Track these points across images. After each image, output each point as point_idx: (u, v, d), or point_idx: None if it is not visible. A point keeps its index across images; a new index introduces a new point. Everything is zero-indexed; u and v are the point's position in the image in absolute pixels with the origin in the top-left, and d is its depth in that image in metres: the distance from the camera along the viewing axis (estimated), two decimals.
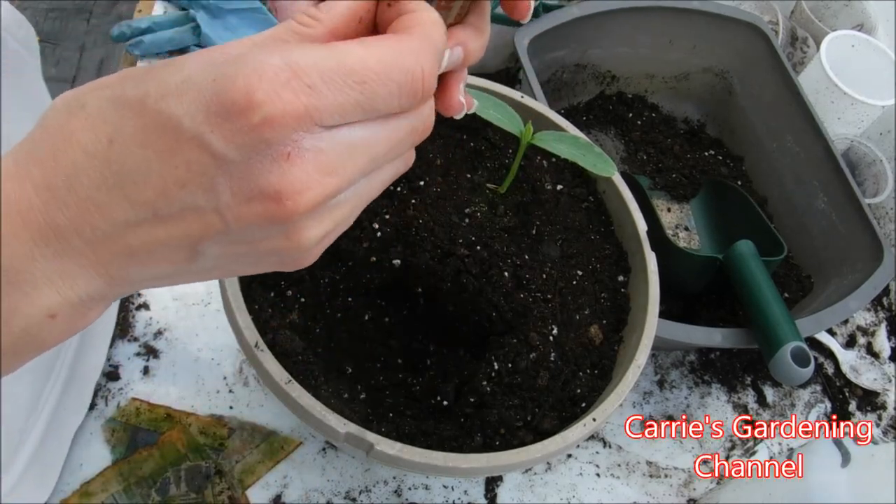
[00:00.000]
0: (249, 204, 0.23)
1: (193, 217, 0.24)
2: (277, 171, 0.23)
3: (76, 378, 0.56)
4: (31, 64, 0.48)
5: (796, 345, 0.57)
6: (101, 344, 0.60)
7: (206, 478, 0.58)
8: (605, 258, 0.58)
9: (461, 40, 0.29)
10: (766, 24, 0.82)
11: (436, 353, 0.57)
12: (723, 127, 0.88)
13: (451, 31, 0.29)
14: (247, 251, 0.25)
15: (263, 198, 0.23)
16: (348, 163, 0.24)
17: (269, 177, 0.23)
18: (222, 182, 0.23)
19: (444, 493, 0.61)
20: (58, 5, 1.99)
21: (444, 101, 0.31)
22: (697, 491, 0.67)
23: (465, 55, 0.29)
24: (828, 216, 0.76)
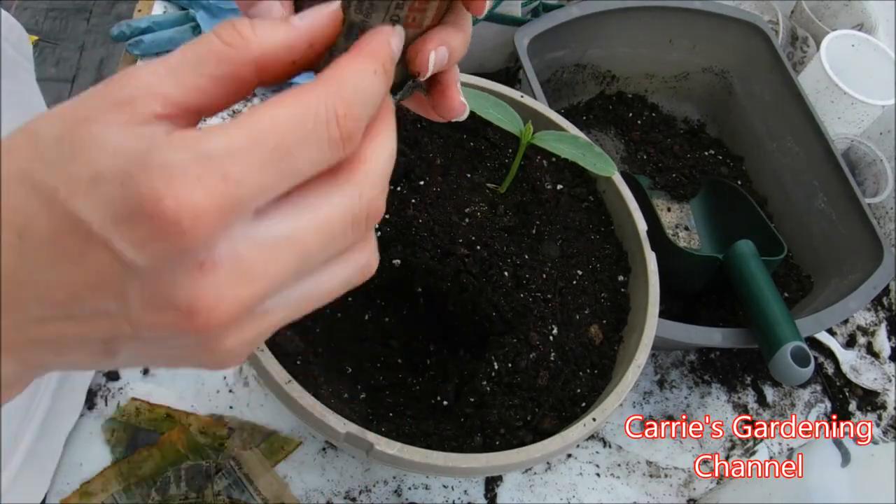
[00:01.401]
0: (160, 314, 0.22)
1: (105, 321, 0.22)
2: (189, 284, 0.21)
3: (70, 378, 0.56)
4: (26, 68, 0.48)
5: (796, 345, 0.57)
6: None
7: (207, 478, 0.58)
8: (605, 258, 0.57)
9: (443, 40, 0.28)
10: (766, 24, 0.82)
11: (436, 353, 0.57)
12: (723, 127, 0.88)
13: (432, 32, 0.28)
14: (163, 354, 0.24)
15: (174, 310, 0.21)
16: (271, 266, 0.22)
17: (180, 290, 0.21)
18: (132, 289, 0.21)
19: (444, 493, 0.61)
20: (58, 5, 2.00)
21: (445, 103, 0.30)
22: (697, 491, 0.67)
23: (450, 53, 0.28)
24: (828, 216, 0.76)
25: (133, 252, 0.20)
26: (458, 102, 0.30)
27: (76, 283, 0.21)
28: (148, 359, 0.24)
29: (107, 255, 0.21)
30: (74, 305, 0.22)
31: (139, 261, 0.21)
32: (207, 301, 0.21)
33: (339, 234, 0.23)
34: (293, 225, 0.22)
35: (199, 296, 0.21)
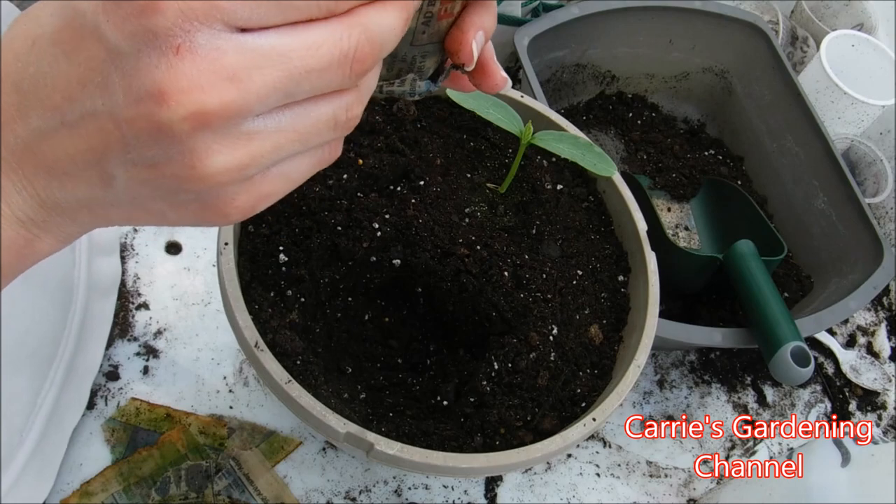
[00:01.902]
0: (138, 105, 0.21)
1: (93, 124, 0.22)
2: (164, 66, 0.20)
3: (74, 376, 0.56)
4: None
5: (796, 345, 0.57)
6: (98, 342, 0.60)
7: (207, 478, 0.58)
8: (605, 258, 0.58)
9: (478, 24, 0.29)
10: (766, 24, 0.82)
11: (436, 352, 0.57)
12: (723, 127, 0.88)
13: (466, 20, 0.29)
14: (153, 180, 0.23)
15: (148, 97, 0.21)
16: (255, 73, 0.21)
17: (154, 71, 0.21)
18: (115, 80, 0.21)
19: (444, 493, 0.61)
20: None
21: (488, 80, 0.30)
22: (697, 491, 0.67)
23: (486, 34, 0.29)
24: (828, 216, 0.76)
25: (114, 33, 0.21)
26: (501, 76, 0.31)
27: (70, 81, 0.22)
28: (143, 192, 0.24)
29: (95, 42, 0.21)
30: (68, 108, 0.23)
31: (119, 42, 0.21)
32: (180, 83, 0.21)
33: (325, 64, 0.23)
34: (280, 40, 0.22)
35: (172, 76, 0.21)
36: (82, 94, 0.22)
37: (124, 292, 0.65)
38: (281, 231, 0.51)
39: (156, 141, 0.22)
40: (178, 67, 0.21)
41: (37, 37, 0.23)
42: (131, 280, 0.65)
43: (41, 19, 0.23)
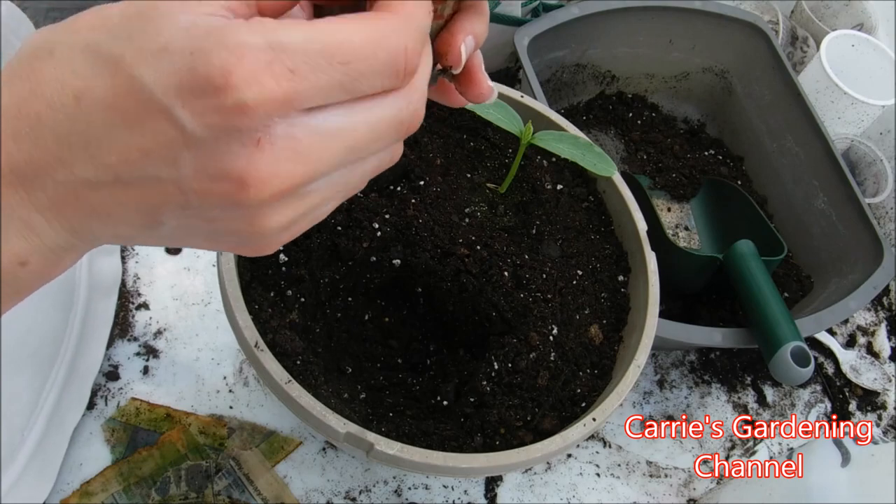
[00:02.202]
0: (212, 183, 0.23)
1: (154, 186, 0.23)
2: (245, 157, 0.22)
3: (75, 376, 0.56)
4: None
5: (796, 345, 0.57)
6: (99, 342, 0.60)
7: (207, 478, 0.58)
8: (605, 258, 0.57)
9: (468, 29, 0.29)
10: (766, 24, 0.82)
11: (436, 352, 0.57)
12: (723, 127, 0.88)
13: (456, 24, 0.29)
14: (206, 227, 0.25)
15: (226, 180, 0.23)
16: (323, 152, 0.23)
17: (236, 161, 0.22)
18: (186, 157, 0.22)
19: (444, 493, 0.61)
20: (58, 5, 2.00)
21: (474, 89, 0.30)
22: (697, 491, 0.67)
23: (476, 39, 0.29)
24: (828, 216, 0.76)
25: (192, 120, 0.22)
26: (486, 86, 0.31)
27: (130, 148, 0.22)
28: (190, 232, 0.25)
29: (166, 122, 0.22)
30: (125, 169, 0.23)
31: (198, 130, 0.22)
32: (260, 174, 0.22)
33: (385, 134, 0.25)
34: (347, 120, 0.24)
35: (254, 168, 0.22)
36: (144, 162, 0.23)
37: (124, 292, 0.65)
38: None
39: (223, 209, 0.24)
40: (258, 158, 0.22)
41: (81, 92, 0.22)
42: (131, 280, 0.65)
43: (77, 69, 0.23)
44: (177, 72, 0.21)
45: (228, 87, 0.21)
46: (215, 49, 0.21)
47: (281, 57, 0.21)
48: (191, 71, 0.21)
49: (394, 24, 0.24)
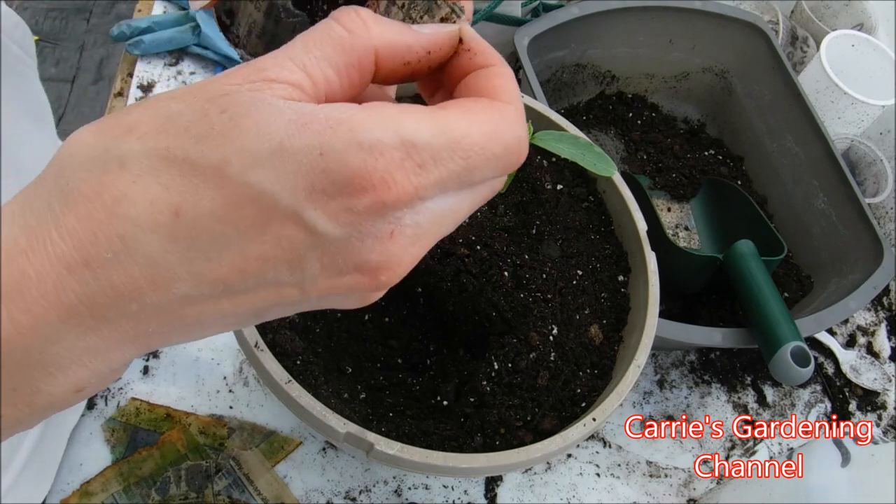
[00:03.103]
0: (341, 278, 0.23)
1: (270, 291, 0.22)
2: (379, 249, 0.22)
3: None
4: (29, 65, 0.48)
5: (796, 345, 0.57)
6: None
7: (207, 478, 0.58)
8: (605, 258, 0.57)
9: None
10: (766, 24, 0.82)
11: (436, 352, 0.57)
12: (723, 127, 0.88)
13: None
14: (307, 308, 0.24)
15: (357, 272, 0.23)
16: (438, 230, 0.24)
17: (370, 254, 0.22)
18: (313, 258, 0.22)
19: (444, 493, 0.61)
20: (58, 5, 2.00)
21: None
22: (697, 491, 0.67)
23: None
24: (828, 216, 0.76)
25: (325, 222, 0.21)
26: None
27: (246, 257, 0.21)
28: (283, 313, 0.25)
29: (292, 225, 0.21)
30: (238, 280, 0.22)
31: (330, 230, 0.21)
32: (392, 262, 0.23)
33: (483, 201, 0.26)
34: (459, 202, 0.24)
35: (386, 258, 0.23)
36: (263, 269, 0.22)
37: None
38: None
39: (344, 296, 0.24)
40: (391, 249, 0.23)
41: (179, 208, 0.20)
42: None
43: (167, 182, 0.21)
44: (306, 174, 0.20)
45: (366, 189, 0.21)
46: (350, 149, 0.21)
47: (411, 153, 0.21)
48: (324, 172, 0.20)
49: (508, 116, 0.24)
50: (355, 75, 0.23)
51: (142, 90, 0.77)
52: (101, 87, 1.87)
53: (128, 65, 0.79)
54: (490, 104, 0.24)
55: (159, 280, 0.21)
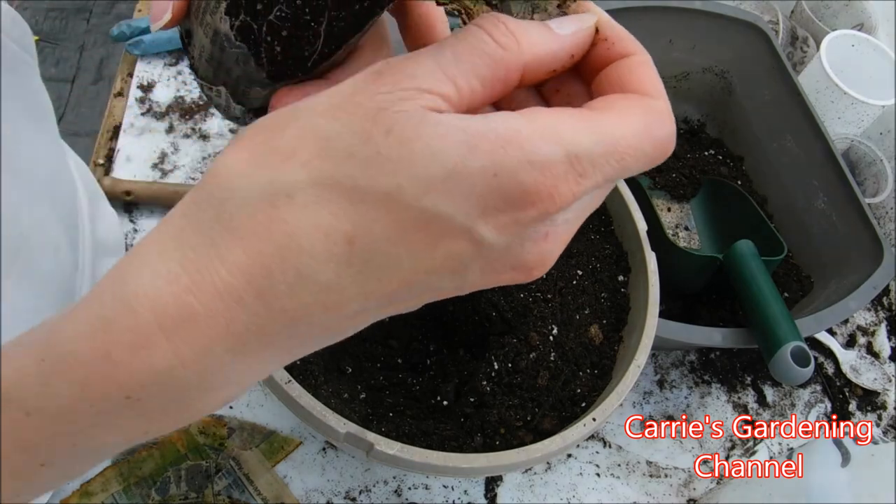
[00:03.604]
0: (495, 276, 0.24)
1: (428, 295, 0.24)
2: (536, 251, 0.23)
3: None
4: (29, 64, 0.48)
5: (796, 344, 0.57)
6: None
7: (207, 478, 0.58)
8: (605, 258, 0.57)
9: None
10: (766, 24, 0.82)
11: (436, 352, 0.57)
12: (723, 127, 0.88)
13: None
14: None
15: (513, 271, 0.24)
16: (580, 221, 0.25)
17: (528, 256, 0.23)
18: (475, 266, 0.23)
19: (444, 493, 0.61)
20: (58, 5, 2.00)
21: None
22: (697, 491, 0.67)
23: None
24: (828, 216, 0.76)
25: (493, 234, 0.22)
26: None
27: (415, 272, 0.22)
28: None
29: (464, 241, 0.22)
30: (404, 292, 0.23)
31: (497, 241, 0.22)
32: (546, 259, 0.24)
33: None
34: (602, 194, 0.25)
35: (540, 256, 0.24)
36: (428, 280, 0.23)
37: None
38: None
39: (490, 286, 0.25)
40: (545, 248, 0.24)
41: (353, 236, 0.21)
42: None
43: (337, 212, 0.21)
44: (480, 194, 0.21)
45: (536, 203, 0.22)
46: (521, 168, 0.21)
47: (574, 165, 0.22)
48: (497, 191, 0.21)
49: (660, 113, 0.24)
50: (499, 87, 0.23)
51: (142, 90, 0.77)
52: (101, 87, 1.87)
53: (128, 65, 0.79)
54: (640, 102, 0.24)
55: (331, 303, 0.22)
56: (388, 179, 0.21)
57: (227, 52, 0.26)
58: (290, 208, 0.21)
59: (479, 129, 0.21)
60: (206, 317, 0.21)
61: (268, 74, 0.26)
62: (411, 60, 0.22)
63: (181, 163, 0.73)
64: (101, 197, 0.64)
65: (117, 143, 0.73)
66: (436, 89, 0.22)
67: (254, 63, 0.25)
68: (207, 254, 0.21)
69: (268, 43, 0.25)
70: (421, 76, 0.22)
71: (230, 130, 0.76)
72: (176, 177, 0.72)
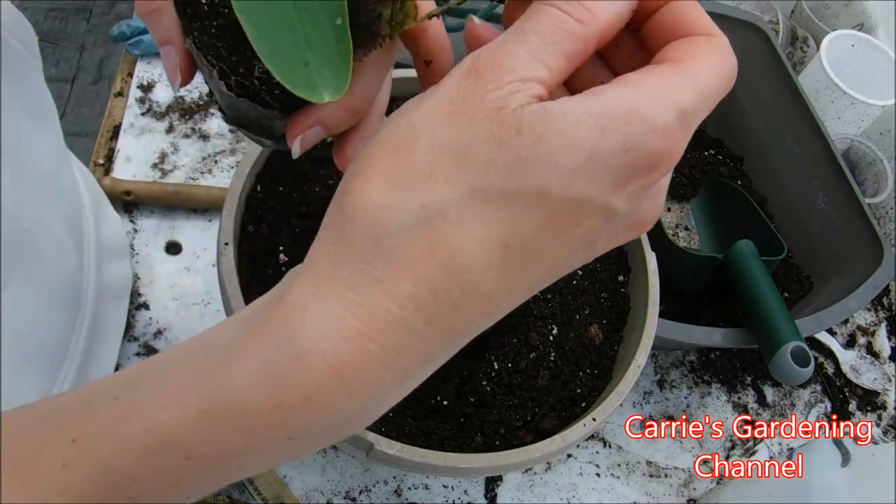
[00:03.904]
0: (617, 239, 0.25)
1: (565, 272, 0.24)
2: (652, 208, 0.25)
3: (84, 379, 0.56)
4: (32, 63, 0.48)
5: (796, 344, 0.57)
6: (110, 346, 0.60)
7: None
8: (605, 258, 0.58)
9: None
10: (766, 24, 0.82)
11: None
12: (723, 127, 0.88)
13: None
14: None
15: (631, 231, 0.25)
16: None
17: (644, 214, 0.25)
18: (603, 235, 0.23)
19: (444, 493, 0.61)
20: (58, 5, 2.00)
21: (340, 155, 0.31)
22: (697, 491, 0.67)
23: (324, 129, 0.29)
24: (828, 216, 0.76)
25: (624, 203, 0.23)
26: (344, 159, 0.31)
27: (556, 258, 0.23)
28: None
29: (599, 217, 0.22)
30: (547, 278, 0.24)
31: (625, 208, 0.23)
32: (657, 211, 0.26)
33: None
34: None
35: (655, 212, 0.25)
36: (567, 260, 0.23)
37: None
38: (281, 231, 0.51)
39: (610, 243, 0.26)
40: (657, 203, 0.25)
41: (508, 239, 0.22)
42: (131, 280, 0.65)
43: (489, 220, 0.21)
44: (614, 171, 0.22)
45: (661, 165, 0.23)
46: (649, 138, 0.22)
47: (684, 121, 0.23)
48: (629, 164, 0.22)
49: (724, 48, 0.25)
50: (581, 60, 0.24)
51: (142, 90, 0.77)
52: (101, 87, 1.87)
53: (128, 65, 0.79)
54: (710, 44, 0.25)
55: (489, 309, 0.22)
56: (534, 180, 0.21)
57: (237, 103, 0.28)
58: (445, 228, 0.21)
59: (601, 111, 0.22)
60: (380, 353, 0.22)
61: (279, 110, 0.28)
62: (504, 52, 0.22)
63: (181, 163, 0.73)
64: (104, 202, 0.64)
65: (117, 143, 0.73)
66: (535, 76, 0.22)
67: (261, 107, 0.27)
68: (373, 292, 0.21)
69: (265, 91, 0.27)
70: (520, 67, 0.22)
71: (230, 131, 0.76)
72: (176, 177, 0.72)
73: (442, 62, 0.30)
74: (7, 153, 0.42)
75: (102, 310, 0.59)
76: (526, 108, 0.21)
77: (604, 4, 0.24)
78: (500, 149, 0.21)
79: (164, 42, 0.28)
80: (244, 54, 0.26)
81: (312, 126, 0.27)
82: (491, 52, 0.23)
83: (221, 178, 0.73)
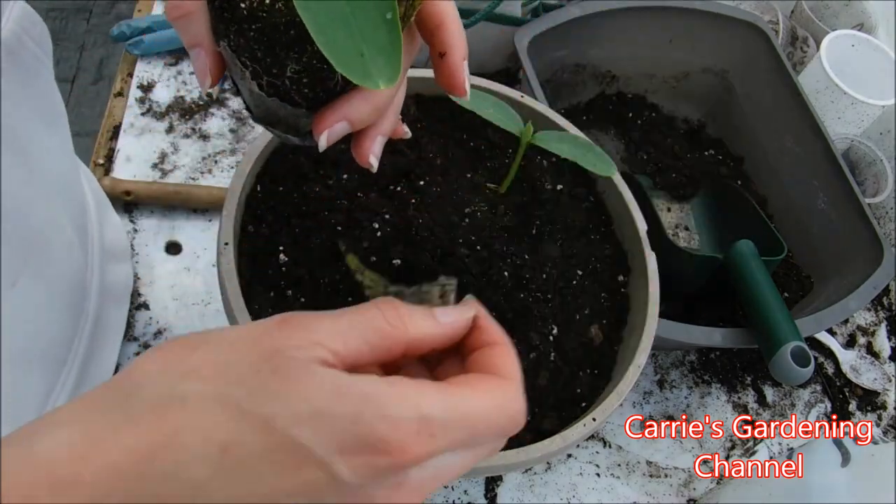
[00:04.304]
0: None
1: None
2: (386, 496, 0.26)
3: (86, 380, 0.56)
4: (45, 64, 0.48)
5: (796, 344, 0.57)
6: (111, 348, 0.60)
7: None
8: (605, 258, 0.57)
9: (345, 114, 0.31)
10: (766, 24, 0.82)
11: None
12: (723, 127, 0.88)
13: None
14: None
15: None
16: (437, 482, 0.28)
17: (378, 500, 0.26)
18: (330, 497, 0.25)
19: (444, 492, 0.61)
20: (58, 5, 2.00)
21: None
22: (697, 491, 0.67)
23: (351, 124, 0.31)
24: (828, 216, 0.76)
25: (349, 473, 0.25)
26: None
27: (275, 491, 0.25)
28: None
29: (321, 471, 0.25)
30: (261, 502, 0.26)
31: (349, 478, 0.25)
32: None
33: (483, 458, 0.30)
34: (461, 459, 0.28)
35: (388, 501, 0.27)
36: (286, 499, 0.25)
37: None
38: (281, 231, 0.51)
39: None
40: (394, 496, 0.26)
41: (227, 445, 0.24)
42: (132, 282, 0.65)
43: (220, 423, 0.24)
44: (339, 435, 0.25)
45: (387, 453, 0.25)
46: (377, 422, 0.25)
47: (426, 426, 0.26)
48: (354, 436, 0.25)
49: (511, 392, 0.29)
50: (384, 354, 0.28)
51: (142, 90, 0.77)
52: (101, 87, 1.87)
53: (128, 65, 0.79)
54: (496, 382, 0.29)
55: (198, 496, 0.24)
56: (266, 408, 0.25)
57: (267, 102, 0.30)
58: (181, 411, 0.25)
59: (347, 384, 0.25)
60: (91, 485, 0.24)
61: (307, 108, 0.30)
62: (315, 318, 0.27)
63: (181, 163, 0.73)
64: (107, 205, 0.64)
65: (117, 143, 0.73)
66: (328, 346, 0.26)
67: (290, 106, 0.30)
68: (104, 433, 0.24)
69: (295, 90, 0.29)
70: (317, 332, 0.26)
71: (230, 130, 0.76)
72: (176, 177, 0.72)
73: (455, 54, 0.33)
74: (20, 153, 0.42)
75: (104, 311, 0.59)
76: (297, 359, 0.25)
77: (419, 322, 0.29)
78: (255, 376, 0.25)
79: (194, 45, 0.30)
80: (278, 55, 0.28)
81: (339, 121, 0.30)
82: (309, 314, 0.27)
83: (221, 178, 0.73)
